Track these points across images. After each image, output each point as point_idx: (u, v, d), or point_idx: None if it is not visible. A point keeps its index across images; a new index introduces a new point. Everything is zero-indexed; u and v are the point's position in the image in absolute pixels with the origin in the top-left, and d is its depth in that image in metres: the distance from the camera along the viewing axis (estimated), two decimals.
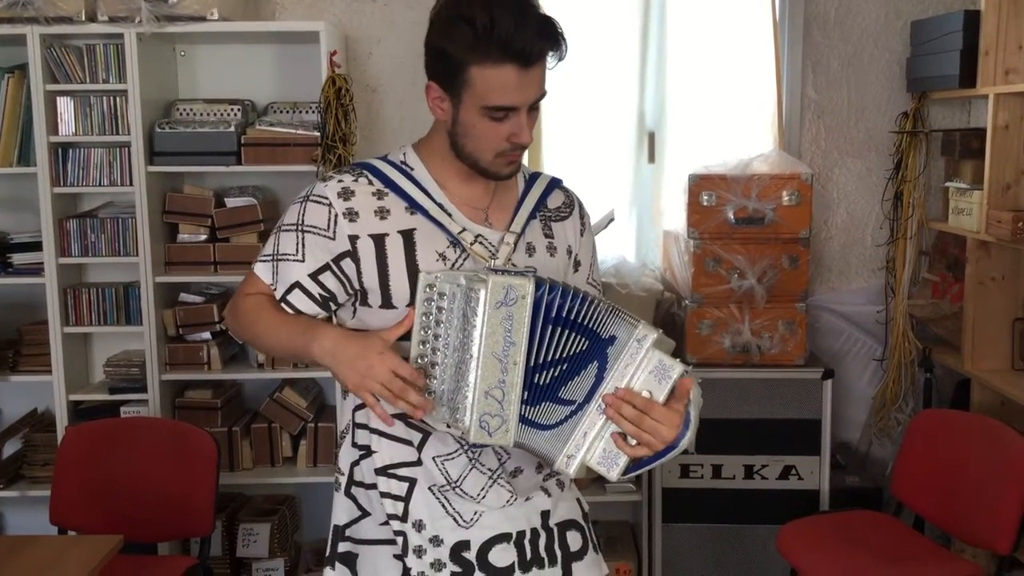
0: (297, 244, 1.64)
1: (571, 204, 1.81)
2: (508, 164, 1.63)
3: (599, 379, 1.51)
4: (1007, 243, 3.01)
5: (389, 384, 1.49)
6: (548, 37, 1.54)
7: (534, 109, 1.61)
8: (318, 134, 3.25)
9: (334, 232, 1.63)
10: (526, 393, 1.52)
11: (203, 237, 3.39)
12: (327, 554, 1.75)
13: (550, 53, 1.56)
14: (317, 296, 1.65)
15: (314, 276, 1.64)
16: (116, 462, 2.95)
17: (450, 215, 1.64)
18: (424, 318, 1.54)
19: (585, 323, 1.52)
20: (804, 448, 3.29)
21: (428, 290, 1.54)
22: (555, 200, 1.78)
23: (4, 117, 3.30)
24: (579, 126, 3.67)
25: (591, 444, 1.51)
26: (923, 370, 3.54)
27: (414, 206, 1.64)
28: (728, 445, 3.27)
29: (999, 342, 3.26)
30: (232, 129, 3.30)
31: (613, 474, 1.51)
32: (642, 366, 1.49)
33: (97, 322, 3.39)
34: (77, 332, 3.41)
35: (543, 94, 1.61)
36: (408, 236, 1.62)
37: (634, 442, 1.50)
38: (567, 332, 1.52)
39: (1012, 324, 3.25)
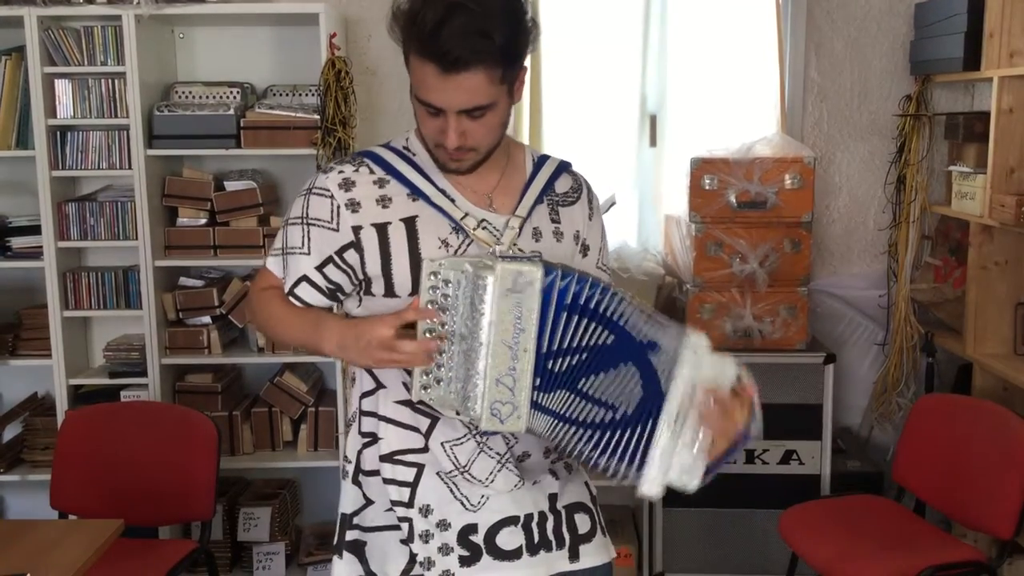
0: (303, 237, 1.65)
1: (579, 188, 1.78)
2: (451, 160, 1.60)
3: (655, 393, 1.48)
4: (1010, 227, 3.00)
5: (392, 344, 1.50)
6: (474, 48, 1.46)
7: (475, 117, 1.53)
8: (318, 117, 3.23)
9: (338, 224, 1.63)
10: (538, 379, 1.50)
11: (202, 221, 3.38)
12: (335, 542, 1.75)
13: (481, 66, 1.48)
14: (324, 288, 1.66)
15: (320, 268, 1.65)
16: (116, 446, 2.94)
17: (453, 200, 1.63)
18: (429, 306, 1.53)
19: (606, 313, 1.49)
20: (805, 433, 3.28)
21: (432, 277, 1.53)
22: (563, 184, 1.76)
23: (2, 100, 3.28)
24: (580, 109, 3.65)
25: (669, 463, 1.48)
26: (925, 355, 3.53)
27: (416, 192, 1.63)
28: None
29: (1001, 327, 3.25)
30: (231, 112, 3.28)
31: (692, 485, 1.49)
32: (702, 373, 1.47)
33: (97, 306, 3.38)
34: (77, 316, 3.41)
35: (485, 105, 1.52)
36: (410, 223, 1.62)
37: (709, 441, 1.48)
38: (584, 320, 1.50)
39: (1014, 309, 3.24)
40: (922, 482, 2.98)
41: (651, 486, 1.49)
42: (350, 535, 1.72)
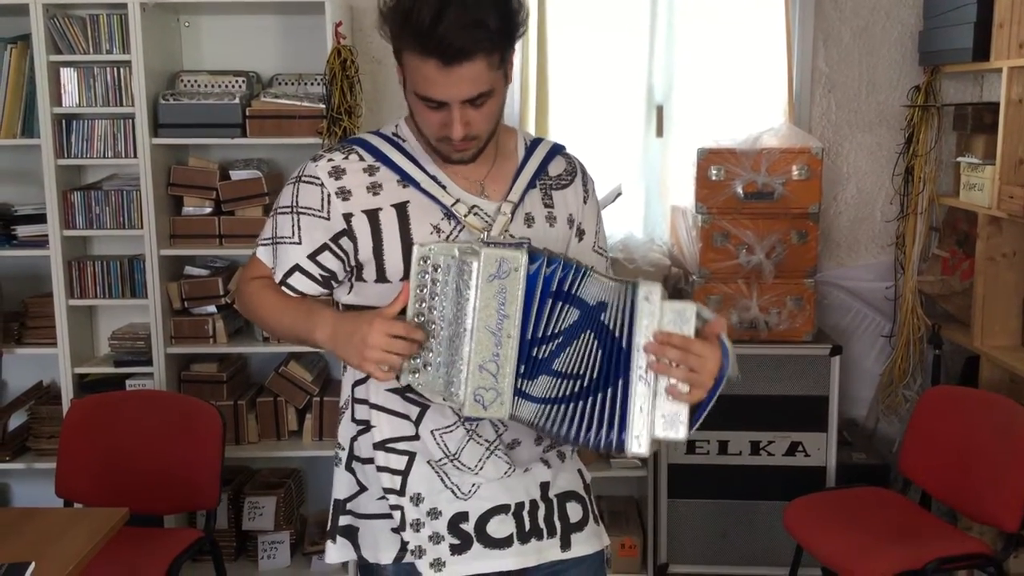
0: (293, 227, 1.64)
1: (573, 171, 1.77)
2: (455, 151, 1.59)
3: (620, 350, 1.47)
4: (1019, 219, 2.98)
5: (389, 347, 1.47)
6: (473, 38, 1.45)
7: (477, 105, 1.53)
8: (323, 106, 3.22)
9: (328, 212, 1.62)
10: (523, 367, 1.50)
11: (208, 210, 3.38)
12: (328, 528, 1.75)
13: (482, 53, 1.47)
14: (318, 276, 1.65)
15: (312, 257, 1.64)
16: (122, 435, 2.95)
17: (444, 187, 1.63)
18: (419, 291, 1.53)
19: (575, 293, 1.50)
20: (811, 425, 3.28)
21: (422, 263, 1.53)
22: (556, 167, 1.75)
23: (7, 88, 3.27)
24: (587, 99, 3.64)
25: (650, 417, 1.47)
26: (932, 347, 3.52)
27: (406, 179, 1.63)
28: (735, 421, 3.26)
29: (1009, 319, 3.23)
30: (237, 101, 3.27)
31: (681, 432, 1.47)
32: (661, 321, 1.46)
33: (102, 295, 3.38)
34: (82, 305, 3.41)
35: (486, 92, 1.52)
36: (402, 209, 1.61)
37: (686, 388, 1.46)
38: (565, 305, 1.50)
39: (1023, 301, 3.22)
40: (928, 474, 2.97)
41: (637, 444, 1.47)
42: (343, 520, 1.72)
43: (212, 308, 3.39)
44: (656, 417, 1.47)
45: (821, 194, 3.27)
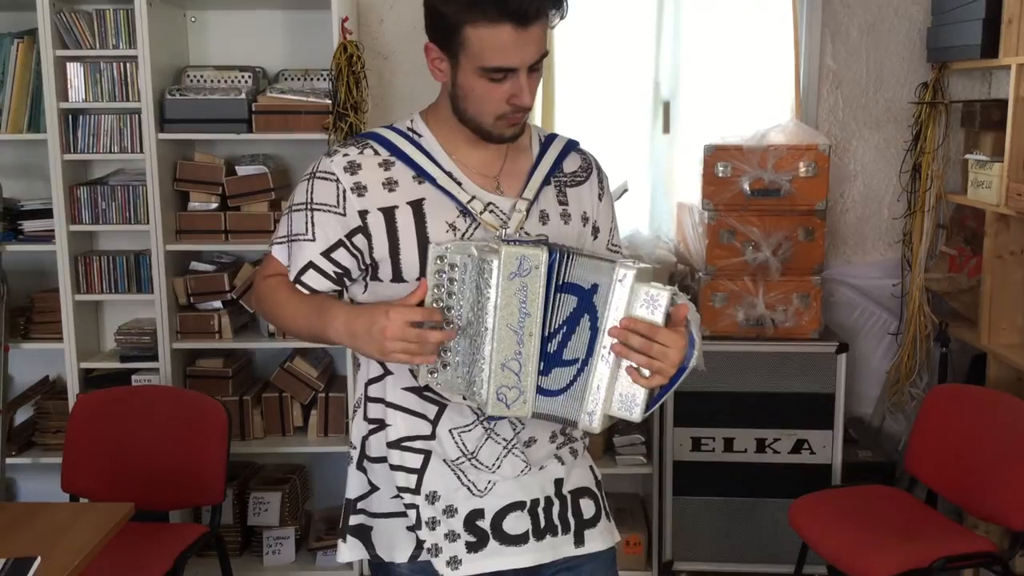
0: (307, 223, 1.63)
1: (588, 168, 1.77)
2: (510, 126, 1.60)
3: (594, 330, 1.49)
4: None
5: (404, 336, 1.46)
6: None
7: (535, 70, 1.56)
8: (329, 102, 3.22)
9: (344, 208, 1.61)
10: (542, 364, 1.50)
11: (214, 205, 3.38)
12: (340, 527, 1.75)
13: (551, 11, 1.53)
14: (331, 274, 1.64)
15: (326, 254, 1.63)
16: (127, 430, 2.95)
17: (459, 183, 1.62)
18: (436, 290, 1.53)
19: (570, 279, 1.50)
20: (817, 422, 3.27)
21: (439, 262, 1.52)
22: (571, 164, 1.75)
23: (14, 83, 3.27)
24: (593, 95, 3.63)
25: (606, 395, 1.49)
26: (939, 344, 3.51)
27: (422, 174, 1.62)
28: (740, 418, 3.25)
29: (1016, 317, 3.22)
30: (243, 96, 3.27)
31: (636, 414, 1.49)
32: (632, 304, 1.47)
33: (108, 290, 3.38)
34: (88, 300, 3.41)
35: (544, 54, 1.56)
36: (417, 207, 1.60)
37: (647, 373, 1.47)
38: (564, 294, 1.51)
39: None
40: (934, 473, 2.96)
41: (588, 420, 1.49)
42: (354, 520, 1.72)
43: (218, 304, 3.39)
44: (613, 396, 1.49)
45: (828, 191, 3.26)
